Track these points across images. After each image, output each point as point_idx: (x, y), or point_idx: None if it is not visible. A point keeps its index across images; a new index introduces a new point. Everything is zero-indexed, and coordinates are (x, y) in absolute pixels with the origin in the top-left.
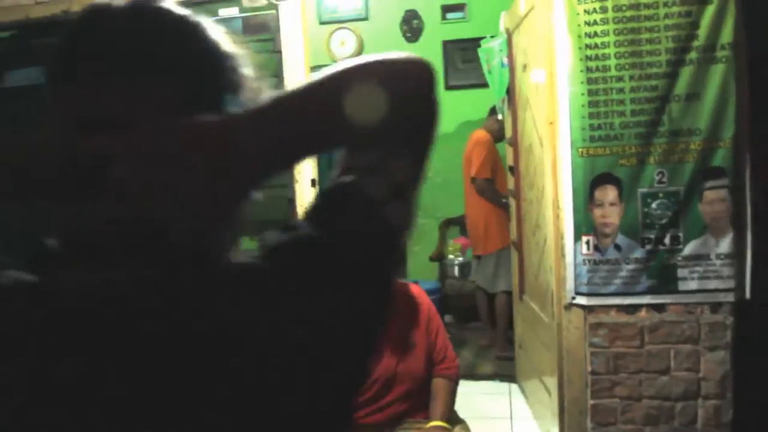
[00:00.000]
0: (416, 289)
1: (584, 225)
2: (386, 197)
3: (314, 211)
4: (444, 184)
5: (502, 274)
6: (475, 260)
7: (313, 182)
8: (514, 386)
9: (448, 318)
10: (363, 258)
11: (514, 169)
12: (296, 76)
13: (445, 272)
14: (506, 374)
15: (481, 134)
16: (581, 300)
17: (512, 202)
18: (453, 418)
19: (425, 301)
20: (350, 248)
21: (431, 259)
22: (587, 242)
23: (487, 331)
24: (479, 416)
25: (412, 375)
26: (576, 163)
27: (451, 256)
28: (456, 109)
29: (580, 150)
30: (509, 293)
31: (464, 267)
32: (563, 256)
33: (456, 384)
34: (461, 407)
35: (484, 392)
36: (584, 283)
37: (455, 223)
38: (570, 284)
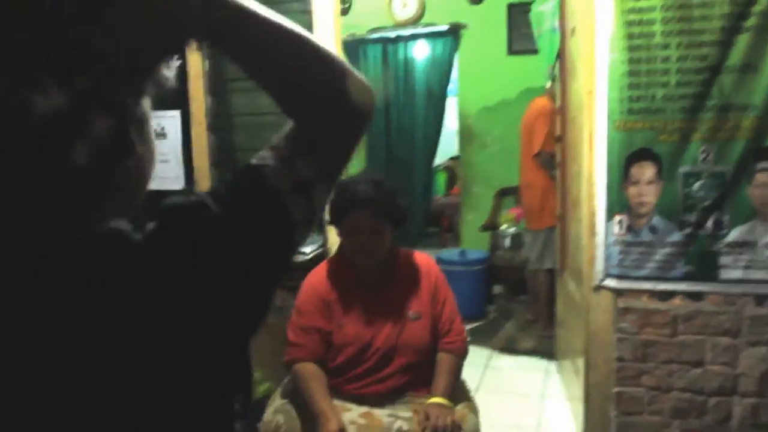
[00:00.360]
0: (422, 258)
1: (618, 203)
2: (288, 188)
3: (219, 183)
4: (501, 153)
5: (549, 252)
6: (526, 233)
7: None
8: (552, 365)
9: (497, 289)
10: (250, 238)
11: (561, 140)
12: (326, 39)
13: (496, 243)
14: (546, 352)
15: (543, 103)
16: (610, 282)
17: (558, 174)
18: (458, 395)
19: (432, 271)
20: (241, 224)
21: (483, 228)
22: (620, 222)
23: (534, 306)
24: (511, 392)
25: (413, 347)
26: (612, 136)
27: (503, 227)
28: (518, 75)
29: (616, 123)
30: (554, 271)
31: (516, 238)
32: (594, 235)
33: (461, 359)
34: (494, 381)
35: (520, 368)
36: (615, 265)
37: (510, 193)
38: (600, 265)
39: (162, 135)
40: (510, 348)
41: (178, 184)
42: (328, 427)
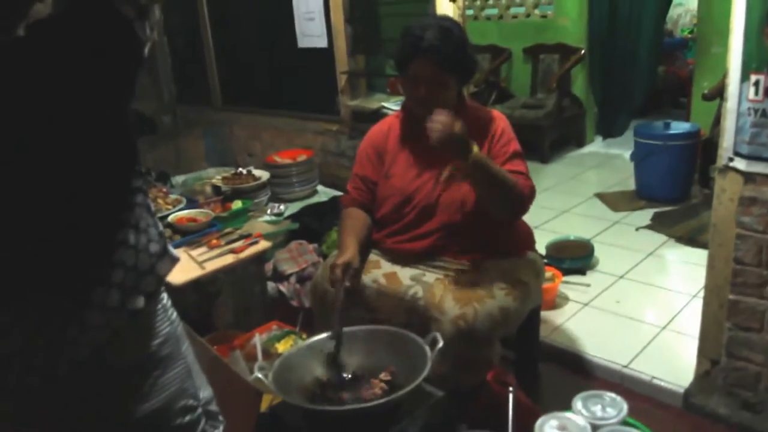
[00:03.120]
0: (490, 115)
1: (756, 58)
2: None
3: None
4: None
5: None
6: None
7: None
8: None
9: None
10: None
11: None
12: None
13: (719, 117)
14: None
15: None
16: (739, 163)
17: None
18: (514, 271)
19: (496, 126)
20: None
21: (704, 97)
22: (756, 83)
23: None
24: (660, 284)
25: (455, 206)
26: None
27: None
28: None
29: None
30: None
31: None
32: (725, 99)
33: (519, 189)
34: (649, 271)
35: (688, 261)
36: (745, 141)
37: None
38: (729, 140)
39: None
40: (690, 238)
41: (323, 42)
42: (338, 258)
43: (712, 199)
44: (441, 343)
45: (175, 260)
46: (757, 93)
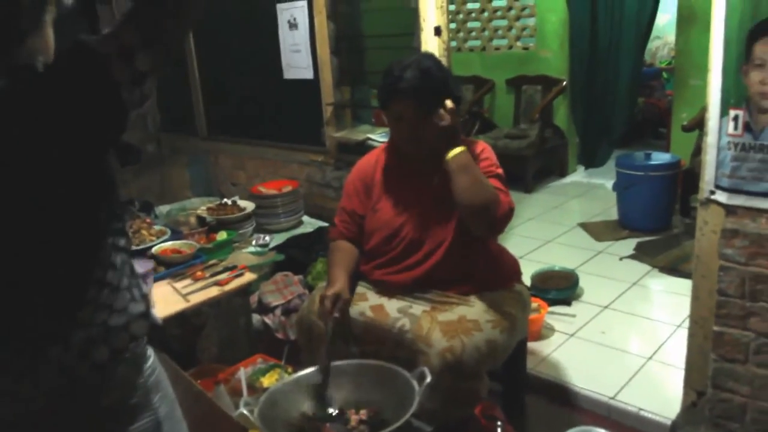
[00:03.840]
0: (476, 147)
1: (734, 93)
2: (111, 54)
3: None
4: None
5: None
6: None
7: (436, 30)
8: None
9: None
10: (76, 97)
11: None
12: None
13: (701, 146)
14: None
15: None
16: (720, 196)
17: None
18: (505, 302)
19: (480, 150)
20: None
21: (684, 128)
22: (735, 118)
23: None
24: (644, 315)
25: (441, 236)
26: (732, 2)
27: None
28: None
29: None
30: None
31: None
32: (706, 134)
33: (505, 209)
34: (632, 302)
35: (672, 291)
36: (726, 175)
37: None
38: (710, 174)
39: (294, 26)
40: (673, 268)
41: (308, 73)
42: (327, 290)
43: (693, 228)
44: (429, 378)
45: (155, 325)
46: (736, 128)
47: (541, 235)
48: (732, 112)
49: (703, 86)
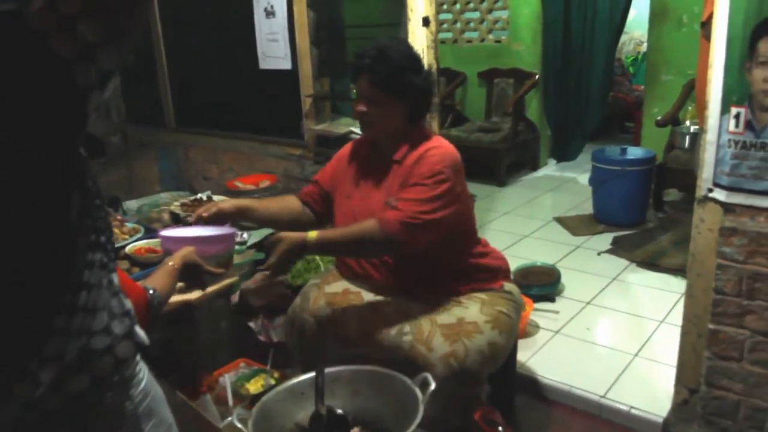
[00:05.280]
0: (429, 145)
1: (737, 90)
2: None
3: None
4: (695, 35)
5: None
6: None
7: (425, 20)
8: None
9: (672, 193)
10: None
11: None
12: None
13: (674, 141)
14: None
15: None
16: (719, 194)
17: None
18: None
19: (422, 158)
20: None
21: (659, 122)
22: (737, 116)
23: None
24: (628, 310)
25: None
26: None
27: (686, 123)
28: None
29: None
30: None
31: (696, 138)
32: (705, 131)
33: (381, 233)
34: (615, 297)
35: (653, 286)
36: (725, 173)
37: None
38: (708, 171)
39: (271, 13)
40: (651, 263)
41: (286, 63)
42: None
43: (667, 223)
44: (433, 386)
45: (142, 345)
46: (737, 125)
47: (517, 229)
48: (734, 110)
49: (674, 81)
